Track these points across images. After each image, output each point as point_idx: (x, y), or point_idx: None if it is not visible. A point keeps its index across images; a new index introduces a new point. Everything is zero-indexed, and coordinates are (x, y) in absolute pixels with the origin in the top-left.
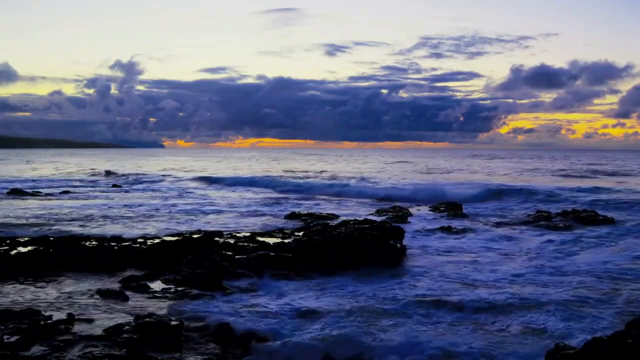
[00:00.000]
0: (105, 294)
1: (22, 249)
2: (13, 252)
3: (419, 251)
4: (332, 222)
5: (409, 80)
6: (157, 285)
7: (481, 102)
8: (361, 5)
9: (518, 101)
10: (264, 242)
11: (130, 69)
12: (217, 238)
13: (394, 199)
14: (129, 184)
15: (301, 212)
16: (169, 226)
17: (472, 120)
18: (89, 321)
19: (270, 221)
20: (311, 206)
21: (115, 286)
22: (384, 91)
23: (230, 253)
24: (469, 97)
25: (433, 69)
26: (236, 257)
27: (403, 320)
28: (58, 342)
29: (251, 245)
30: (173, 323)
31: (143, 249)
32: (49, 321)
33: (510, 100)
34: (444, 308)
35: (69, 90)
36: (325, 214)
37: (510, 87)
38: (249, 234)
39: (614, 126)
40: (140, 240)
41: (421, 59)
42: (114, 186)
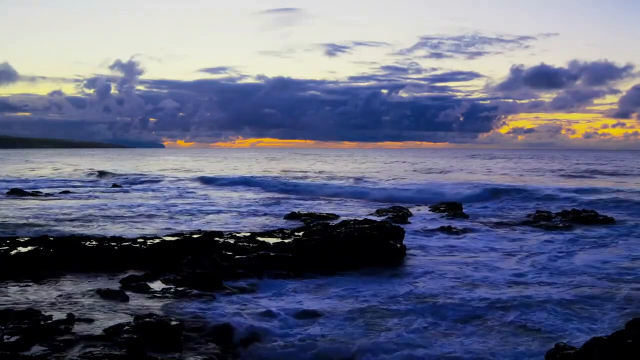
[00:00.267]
0: (105, 294)
1: (22, 249)
2: (13, 252)
3: (419, 251)
4: (332, 222)
5: (409, 80)
6: (157, 285)
7: (481, 102)
8: (361, 5)
9: (518, 101)
10: (264, 242)
11: (130, 69)
12: (217, 238)
13: (394, 199)
14: (128, 184)
15: (301, 212)
16: (169, 226)
17: (472, 120)
18: (89, 321)
19: (270, 221)
20: (311, 206)
21: (115, 286)
22: (384, 91)
23: (230, 253)
24: (469, 97)
25: (433, 69)
26: (236, 257)
27: (403, 320)
28: (58, 342)
29: (251, 245)
30: (173, 323)
31: (143, 249)
32: (49, 321)
33: (510, 100)
34: (444, 308)
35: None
36: (325, 214)
37: (510, 87)
38: (249, 234)
39: (614, 126)
40: (140, 240)
41: (421, 59)
42: (114, 186)
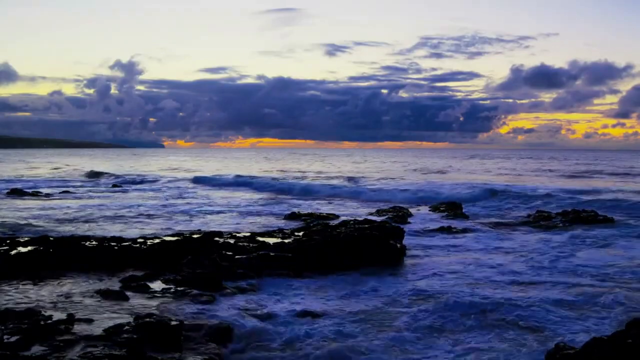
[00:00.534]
0: (105, 294)
1: (22, 249)
2: (13, 252)
3: (419, 251)
4: (332, 222)
5: (409, 80)
6: (157, 285)
7: (481, 102)
8: (361, 5)
9: (518, 101)
10: (264, 242)
11: (130, 69)
12: (217, 238)
13: (394, 199)
14: (128, 184)
15: (301, 212)
16: (169, 226)
17: (472, 120)
18: (89, 321)
19: (270, 221)
20: (311, 206)
21: (115, 286)
22: (384, 91)
23: (230, 253)
24: (469, 97)
25: (433, 69)
26: (236, 257)
27: (404, 319)
28: (58, 342)
29: (251, 245)
30: (173, 323)
31: (143, 249)
32: (49, 321)
33: (510, 100)
34: (444, 308)
35: (69, 90)
36: (325, 214)
37: (510, 87)
38: (249, 234)
39: (614, 126)
40: (140, 240)
41: (421, 59)
42: (114, 186)
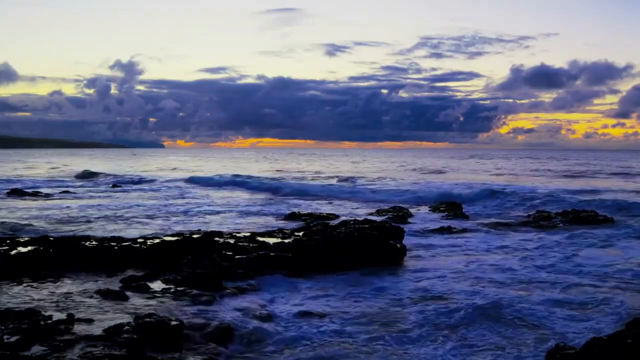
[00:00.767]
0: (105, 294)
1: (22, 249)
2: (13, 252)
3: (420, 251)
4: (332, 222)
5: (409, 80)
6: (157, 285)
7: (481, 102)
8: (361, 5)
9: (518, 101)
10: (264, 242)
11: (130, 69)
12: (217, 238)
13: (394, 199)
14: (128, 184)
15: (301, 212)
16: (169, 226)
17: (472, 120)
18: (89, 321)
19: (270, 221)
20: (311, 206)
21: (115, 286)
22: (384, 91)
23: (230, 253)
24: (469, 97)
25: (433, 69)
26: (236, 257)
27: (404, 319)
28: (58, 342)
29: (251, 245)
30: (173, 323)
31: (143, 249)
32: (49, 321)
33: (510, 100)
34: (444, 307)
35: (69, 90)
36: (325, 214)
37: (510, 87)
38: (249, 234)
39: (614, 126)
40: (140, 240)
41: (421, 59)
42: (114, 186)
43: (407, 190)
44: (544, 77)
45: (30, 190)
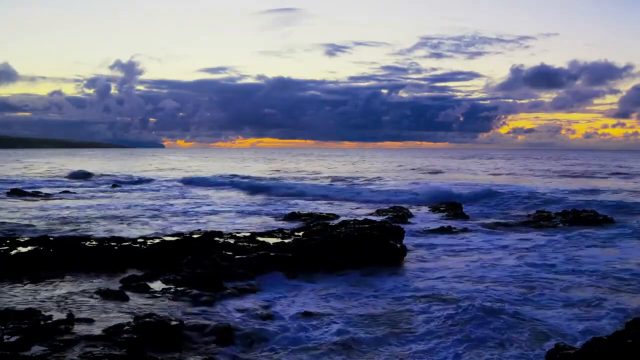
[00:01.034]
0: (105, 294)
1: (22, 249)
2: (13, 252)
3: (419, 251)
4: (332, 222)
5: (409, 80)
6: (157, 285)
7: (481, 102)
8: (361, 5)
9: (518, 101)
10: (264, 242)
11: (130, 69)
12: (217, 238)
13: (394, 199)
14: (128, 184)
15: (301, 212)
16: (169, 226)
17: (472, 120)
18: (89, 321)
19: (270, 221)
20: (310, 206)
21: (115, 286)
22: (384, 91)
23: (230, 253)
24: (469, 97)
25: (433, 69)
26: (236, 257)
27: (404, 319)
28: (58, 342)
29: (251, 245)
30: (173, 323)
31: (143, 249)
32: (49, 321)
33: (510, 100)
34: (445, 307)
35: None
36: (325, 214)
37: (510, 87)
38: (249, 234)
39: (614, 126)
40: (140, 240)
41: (421, 59)
42: (114, 186)
43: (407, 190)
44: (544, 77)
45: (30, 190)
